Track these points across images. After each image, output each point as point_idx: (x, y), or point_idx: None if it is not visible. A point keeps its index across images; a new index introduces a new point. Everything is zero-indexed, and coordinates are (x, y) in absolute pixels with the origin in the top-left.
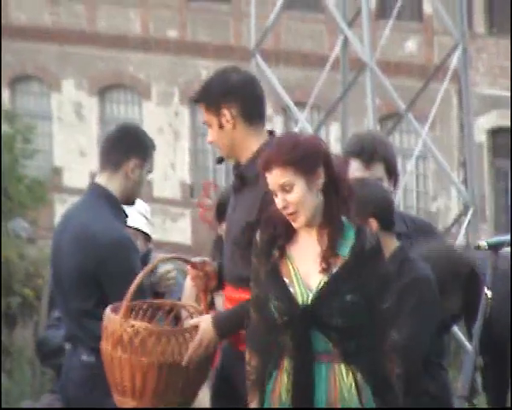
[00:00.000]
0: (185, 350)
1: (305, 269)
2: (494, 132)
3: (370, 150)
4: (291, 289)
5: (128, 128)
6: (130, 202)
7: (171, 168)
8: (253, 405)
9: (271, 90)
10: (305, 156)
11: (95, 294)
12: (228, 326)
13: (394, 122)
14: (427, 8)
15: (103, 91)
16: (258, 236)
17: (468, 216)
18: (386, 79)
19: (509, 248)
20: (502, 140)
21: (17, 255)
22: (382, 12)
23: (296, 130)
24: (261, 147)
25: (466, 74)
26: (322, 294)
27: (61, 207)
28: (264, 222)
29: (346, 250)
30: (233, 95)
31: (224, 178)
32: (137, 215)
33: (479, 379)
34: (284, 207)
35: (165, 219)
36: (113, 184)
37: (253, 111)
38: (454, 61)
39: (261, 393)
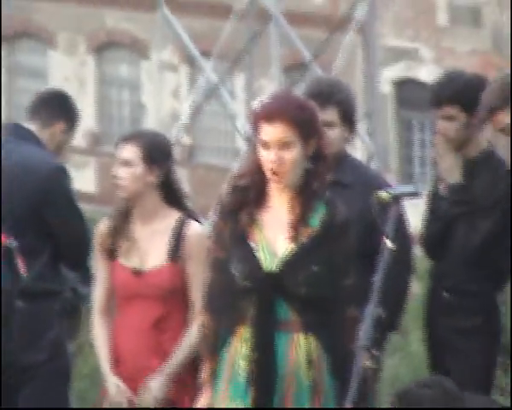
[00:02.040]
0: None
1: (273, 236)
2: (399, 84)
3: (327, 94)
4: (256, 254)
5: (63, 94)
6: None
7: None
8: (207, 371)
9: (178, 40)
10: (309, 121)
11: (40, 229)
12: None
13: (300, 72)
14: None
15: (9, 40)
16: (224, 199)
17: (373, 167)
18: (292, 29)
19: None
20: (407, 91)
21: None
22: None
23: (202, 79)
24: None
25: (371, 25)
26: (289, 262)
27: None
28: (233, 186)
29: (315, 222)
30: None
31: (128, 127)
32: None
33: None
34: (275, 163)
35: (69, 168)
36: (40, 136)
37: None
38: (360, 11)
39: (215, 358)
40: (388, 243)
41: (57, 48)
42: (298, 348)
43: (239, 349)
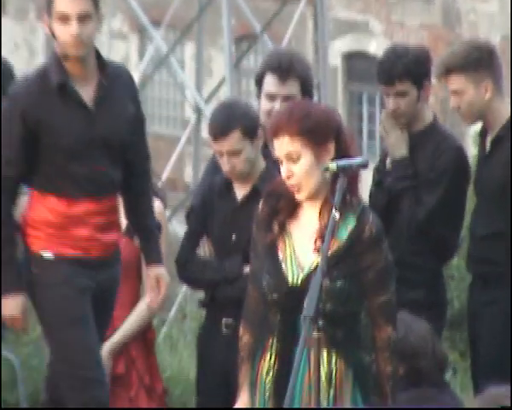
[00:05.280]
0: None
1: (301, 248)
2: (349, 56)
3: (287, 67)
4: (283, 267)
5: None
6: None
7: None
8: (243, 384)
9: (128, 8)
10: (315, 128)
11: None
12: None
13: (250, 43)
14: None
15: None
16: (260, 207)
17: None
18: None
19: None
20: (356, 64)
21: None
22: None
23: (151, 49)
24: None
25: None
26: (313, 276)
27: None
28: (267, 194)
29: (344, 234)
30: None
31: None
32: None
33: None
34: (288, 177)
35: None
36: None
37: None
38: None
39: (250, 371)
40: (335, 214)
41: (7, 14)
42: (319, 365)
43: (267, 362)
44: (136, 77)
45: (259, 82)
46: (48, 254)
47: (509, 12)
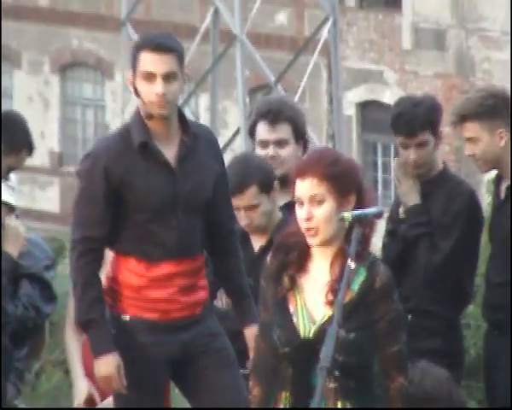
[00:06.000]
0: None
1: (313, 301)
2: (363, 106)
3: (276, 111)
4: (294, 320)
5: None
6: None
7: (40, 137)
8: None
9: None
10: (343, 175)
11: None
12: None
13: (264, 94)
14: None
15: None
16: (268, 260)
17: None
18: (257, 51)
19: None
20: (370, 114)
21: None
22: None
23: None
24: None
25: (336, 47)
26: (325, 329)
27: None
28: (277, 246)
29: (355, 285)
30: None
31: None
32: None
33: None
34: (307, 220)
35: (33, 187)
36: None
37: None
38: (324, 34)
39: None
40: (351, 264)
41: (21, 67)
42: None
43: None
44: None
45: (252, 133)
46: (125, 317)
47: None
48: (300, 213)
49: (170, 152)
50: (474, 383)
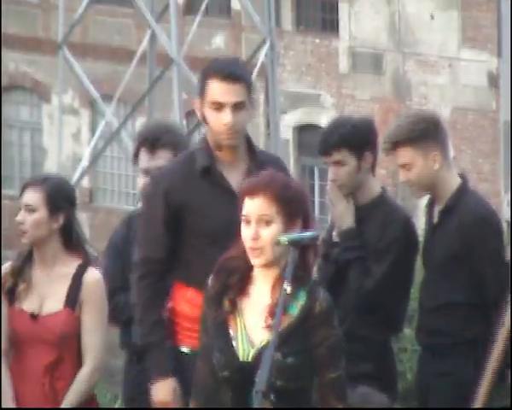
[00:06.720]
0: None
1: (253, 324)
2: (300, 129)
3: (153, 138)
4: (234, 344)
5: None
6: None
7: None
8: None
9: (78, 83)
10: (293, 200)
11: None
12: None
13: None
14: (235, 4)
15: None
16: (209, 283)
17: None
18: (193, 74)
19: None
20: (307, 137)
21: None
22: (190, 7)
23: (103, 123)
24: None
25: (273, 71)
26: (264, 352)
27: None
28: (217, 270)
29: (295, 309)
30: None
31: (29, 170)
32: None
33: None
34: (253, 239)
35: None
36: None
37: None
38: (261, 57)
39: None
40: (287, 287)
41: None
42: None
43: None
44: (88, 151)
45: (136, 159)
46: (185, 350)
47: (459, 84)
48: (247, 231)
49: (234, 178)
50: (411, 406)
